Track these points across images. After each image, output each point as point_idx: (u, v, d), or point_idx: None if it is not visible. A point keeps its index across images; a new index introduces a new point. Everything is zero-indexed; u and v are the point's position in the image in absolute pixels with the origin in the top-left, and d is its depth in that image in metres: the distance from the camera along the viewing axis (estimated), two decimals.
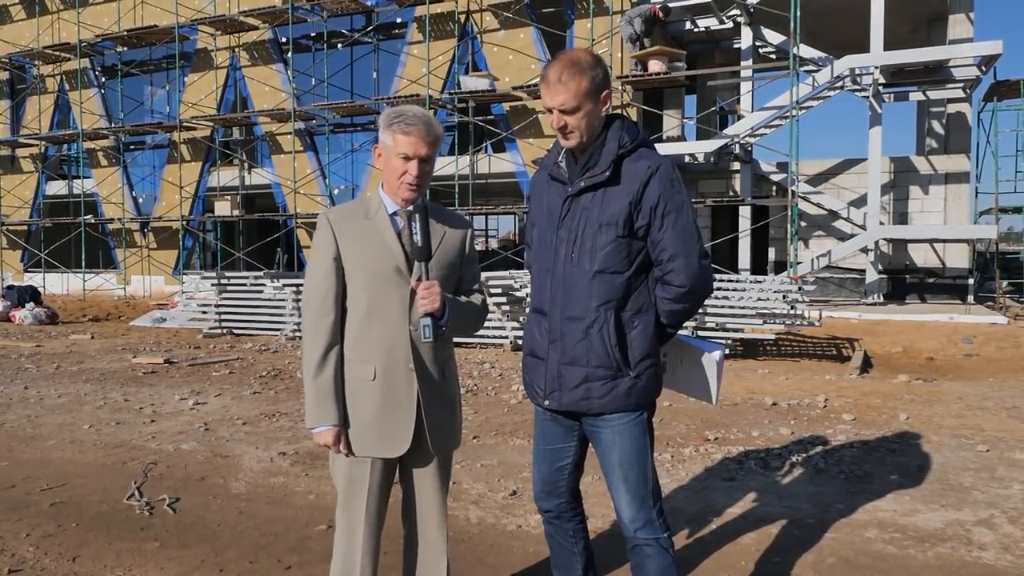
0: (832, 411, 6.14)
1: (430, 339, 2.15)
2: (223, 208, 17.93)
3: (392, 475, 2.34)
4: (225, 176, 18.77)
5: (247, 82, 18.18)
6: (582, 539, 2.50)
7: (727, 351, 2.33)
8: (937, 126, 16.41)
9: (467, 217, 2.52)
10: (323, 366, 2.18)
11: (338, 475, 2.29)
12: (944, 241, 14.35)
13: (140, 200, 20.13)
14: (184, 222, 18.55)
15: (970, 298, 14.06)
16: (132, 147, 20.15)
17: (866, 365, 9.01)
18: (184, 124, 18.18)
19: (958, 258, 14.67)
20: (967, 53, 12.84)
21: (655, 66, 12.94)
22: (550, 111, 2.21)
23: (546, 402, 2.32)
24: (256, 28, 17.65)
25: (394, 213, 2.26)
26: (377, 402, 2.21)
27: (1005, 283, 14.08)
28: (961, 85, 14.45)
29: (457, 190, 15.54)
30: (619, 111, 8.97)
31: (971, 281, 14.27)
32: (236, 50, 18.25)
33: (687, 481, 4.36)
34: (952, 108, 15.14)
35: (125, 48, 19.48)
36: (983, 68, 13.49)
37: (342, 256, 2.20)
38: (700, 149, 14.31)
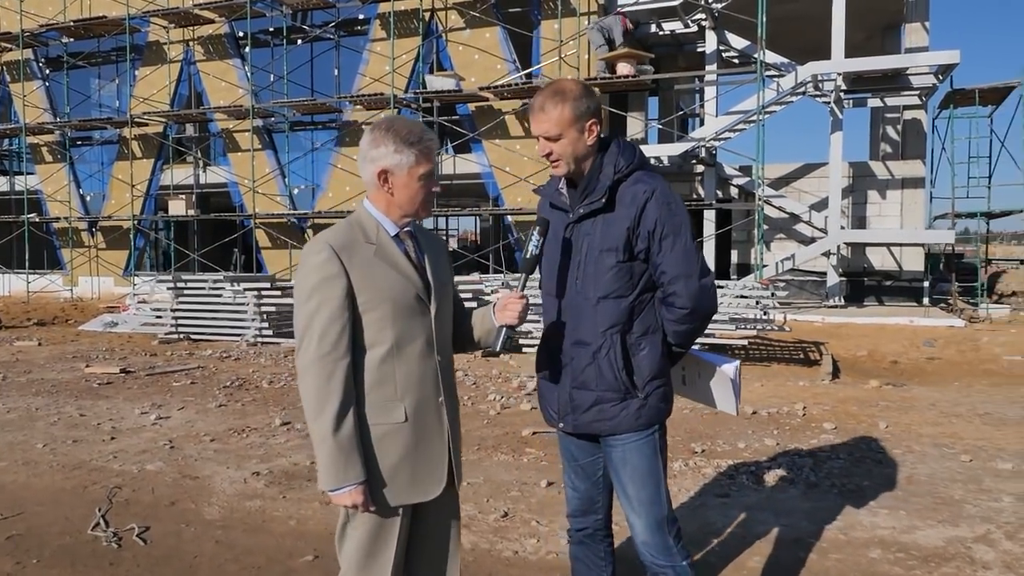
0: (812, 419, 6.14)
1: (502, 351, 2.16)
2: (177, 207, 17.35)
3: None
4: (179, 174, 18.16)
5: (202, 77, 17.62)
6: (610, 564, 2.48)
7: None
8: (891, 132, 16.77)
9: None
10: (344, 418, 1.93)
11: (358, 532, 2.04)
12: (902, 245, 14.67)
13: (88, 198, 19.36)
14: (135, 221, 17.89)
15: (925, 300, 14.40)
16: (79, 142, 19.35)
17: (835, 370, 9.09)
18: (135, 120, 17.51)
19: (914, 261, 15.02)
20: (927, 62, 13.12)
21: (623, 69, 12.91)
22: (538, 139, 2.26)
23: (560, 424, 2.35)
24: (212, 21, 17.09)
25: (396, 235, 2.08)
26: (408, 444, 2.03)
27: (956, 286, 14.46)
28: (917, 92, 14.79)
29: None
30: None
31: (926, 284, 14.63)
32: (191, 44, 17.67)
33: (681, 498, 4.26)
34: (908, 115, 15.49)
35: (71, 39, 18.68)
36: (940, 76, 13.81)
37: (355, 289, 1.97)
38: (667, 152, 14.33)
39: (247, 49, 16.82)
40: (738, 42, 14.71)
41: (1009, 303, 14.85)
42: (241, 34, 17.08)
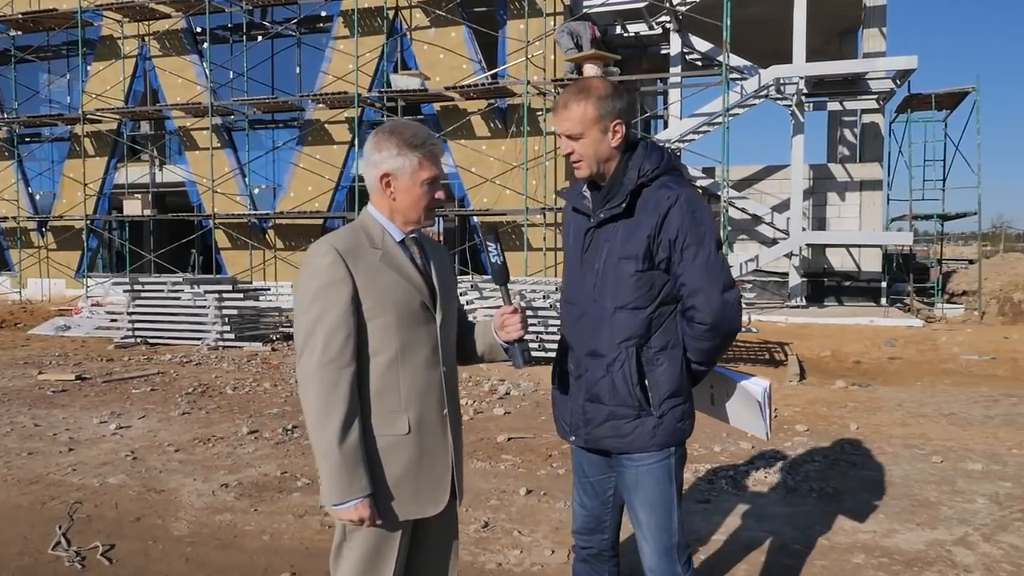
0: (784, 421, 6.18)
1: (525, 364, 2.04)
2: (133, 207, 16.84)
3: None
4: (134, 173, 17.63)
5: (158, 73, 17.12)
6: None
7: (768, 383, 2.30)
8: (849, 135, 17.12)
9: None
10: (350, 428, 1.85)
11: (356, 552, 1.96)
12: (861, 246, 14.97)
13: (37, 197, 18.68)
14: (88, 221, 17.31)
15: (883, 300, 14.72)
16: (27, 139, 18.66)
17: (802, 371, 9.20)
18: (88, 116, 16.94)
19: (872, 262, 15.35)
20: (886, 67, 13.42)
21: (590, 70, 12.92)
22: (560, 137, 2.20)
23: (572, 438, 2.28)
24: (168, 16, 16.63)
25: (402, 240, 2.01)
26: (411, 457, 1.95)
27: (912, 286, 14.82)
28: (875, 96, 15.11)
29: None
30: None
31: (884, 284, 14.96)
32: (146, 39, 17.15)
33: None
34: (866, 118, 15.82)
35: (19, 32, 18.01)
36: (897, 81, 14.12)
37: (360, 294, 1.89)
38: None
39: (205, 45, 16.41)
40: (702, 45, 14.85)
41: (961, 302, 15.27)
42: (199, 29, 16.65)
